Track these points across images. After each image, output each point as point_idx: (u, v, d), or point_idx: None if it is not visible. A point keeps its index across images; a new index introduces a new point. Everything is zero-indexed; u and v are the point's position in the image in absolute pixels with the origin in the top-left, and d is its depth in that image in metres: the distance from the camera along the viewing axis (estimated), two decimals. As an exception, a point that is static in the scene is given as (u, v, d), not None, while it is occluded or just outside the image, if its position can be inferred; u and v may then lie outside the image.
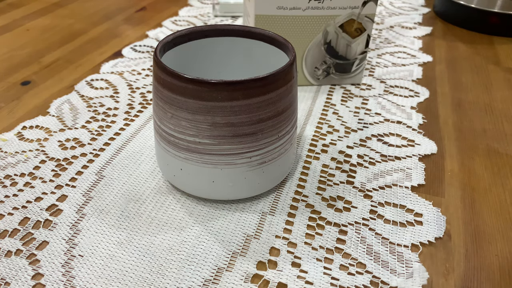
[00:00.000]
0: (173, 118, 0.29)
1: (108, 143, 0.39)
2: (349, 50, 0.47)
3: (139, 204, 0.32)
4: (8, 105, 0.44)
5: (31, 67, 0.52)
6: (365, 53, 0.48)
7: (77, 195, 0.33)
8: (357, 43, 0.47)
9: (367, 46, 0.47)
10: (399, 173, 0.36)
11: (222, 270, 0.28)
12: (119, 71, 0.51)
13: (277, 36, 0.33)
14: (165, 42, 0.32)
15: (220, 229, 0.31)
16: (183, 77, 0.27)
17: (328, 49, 0.47)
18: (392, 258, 0.29)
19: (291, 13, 0.44)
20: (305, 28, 0.45)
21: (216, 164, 0.29)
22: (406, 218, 0.32)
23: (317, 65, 0.47)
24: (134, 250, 0.29)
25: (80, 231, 0.30)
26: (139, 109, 0.44)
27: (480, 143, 0.41)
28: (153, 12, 0.70)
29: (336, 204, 0.33)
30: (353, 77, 0.49)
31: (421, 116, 0.44)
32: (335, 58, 0.47)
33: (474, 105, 0.47)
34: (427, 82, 0.51)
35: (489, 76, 0.53)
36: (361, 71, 0.49)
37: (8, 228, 0.30)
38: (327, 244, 0.30)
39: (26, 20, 0.65)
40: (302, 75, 0.49)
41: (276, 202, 0.33)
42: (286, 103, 0.30)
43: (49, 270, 0.27)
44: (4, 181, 0.34)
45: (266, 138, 0.29)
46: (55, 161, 0.36)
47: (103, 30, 0.63)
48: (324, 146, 0.39)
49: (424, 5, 0.76)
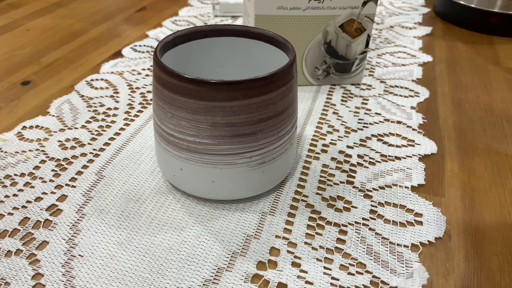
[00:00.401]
0: (173, 118, 0.29)
1: (108, 143, 0.39)
2: (349, 50, 0.47)
3: (139, 204, 0.32)
4: (8, 105, 0.44)
5: (31, 67, 0.52)
6: (365, 53, 0.48)
7: (77, 195, 0.33)
8: (357, 43, 0.47)
9: (367, 46, 0.47)
10: (399, 173, 0.36)
11: (222, 270, 0.28)
12: (119, 71, 0.51)
13: (277, 36, 0.33)
14: (165, 42, 0.32)
15: (220, 229, 0.31)
16: (183, 77, 0.27)
17: (328, 49, 0.47)
18: (392, 258, 0.29)
19: (291, 13, 0.44)
20: (305, 28, 0.45)
21: (216, 164, 0.29)
22: (406, 218, 0.32)
23: (317, 65, 0.48)
24: (134, 250, 0.29)
25: (80, 231, 0.30)
26: (139, 109, 0.44)
27: (480, 143, 0.41)
28: (153, 12, 0.70)
29: (336, 204, 0.33)
30: (353, 77, 0.49)
31: (421, 116, 0.44)
32: (335, 58, 0.47)
33: (474, 105, 0.47)
34: (427, 82, 0.51)
35: (489, 76, 0.53)
36: (361, 71, 0.49)
37: (8, 228, 0.30)
38: (327, 244, 0.30)
39: (26, 20, 0.65)
40: (302, 75, 0.49)
41: (276, 202, 0.33)
42: (286, 103, 0.30)
43: (49, 270, 0.27)
44: (4, 181, 0.34)
45: (266, 138, 0.29)
46: (55, 161, 0.36)
47: (103, 30, 0.63)
48: (324, 146, 0.39)
49: (424, 5, 0.76)
